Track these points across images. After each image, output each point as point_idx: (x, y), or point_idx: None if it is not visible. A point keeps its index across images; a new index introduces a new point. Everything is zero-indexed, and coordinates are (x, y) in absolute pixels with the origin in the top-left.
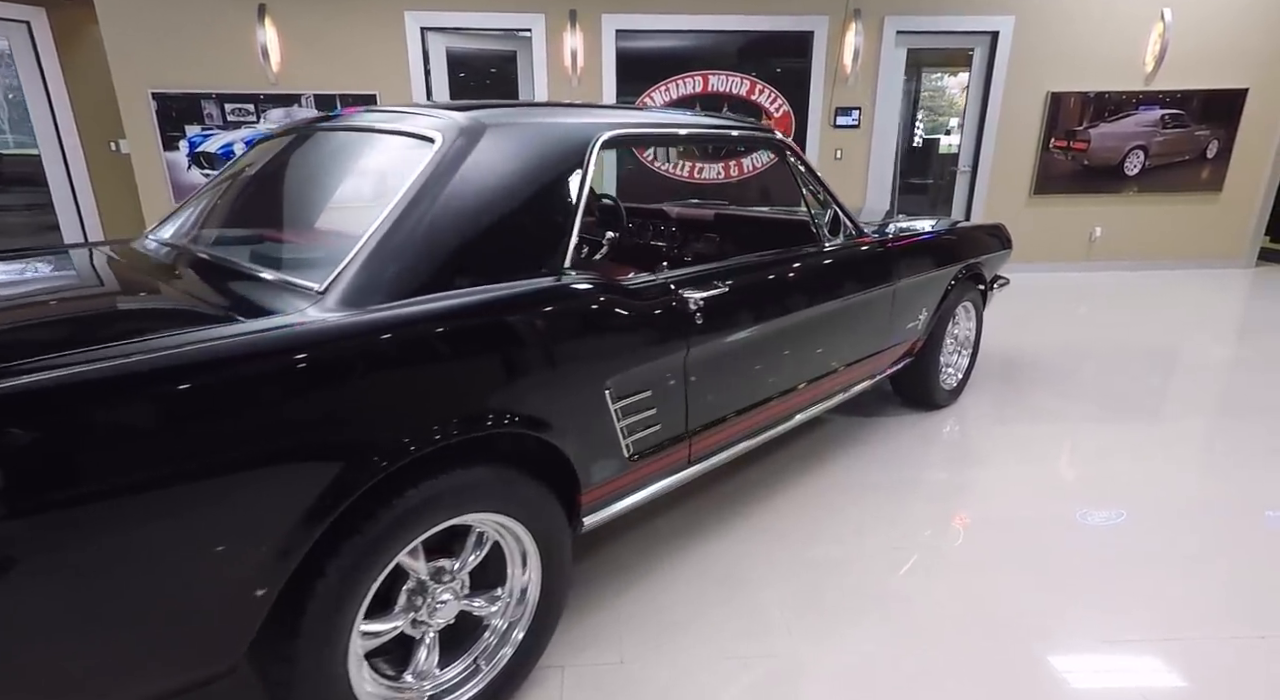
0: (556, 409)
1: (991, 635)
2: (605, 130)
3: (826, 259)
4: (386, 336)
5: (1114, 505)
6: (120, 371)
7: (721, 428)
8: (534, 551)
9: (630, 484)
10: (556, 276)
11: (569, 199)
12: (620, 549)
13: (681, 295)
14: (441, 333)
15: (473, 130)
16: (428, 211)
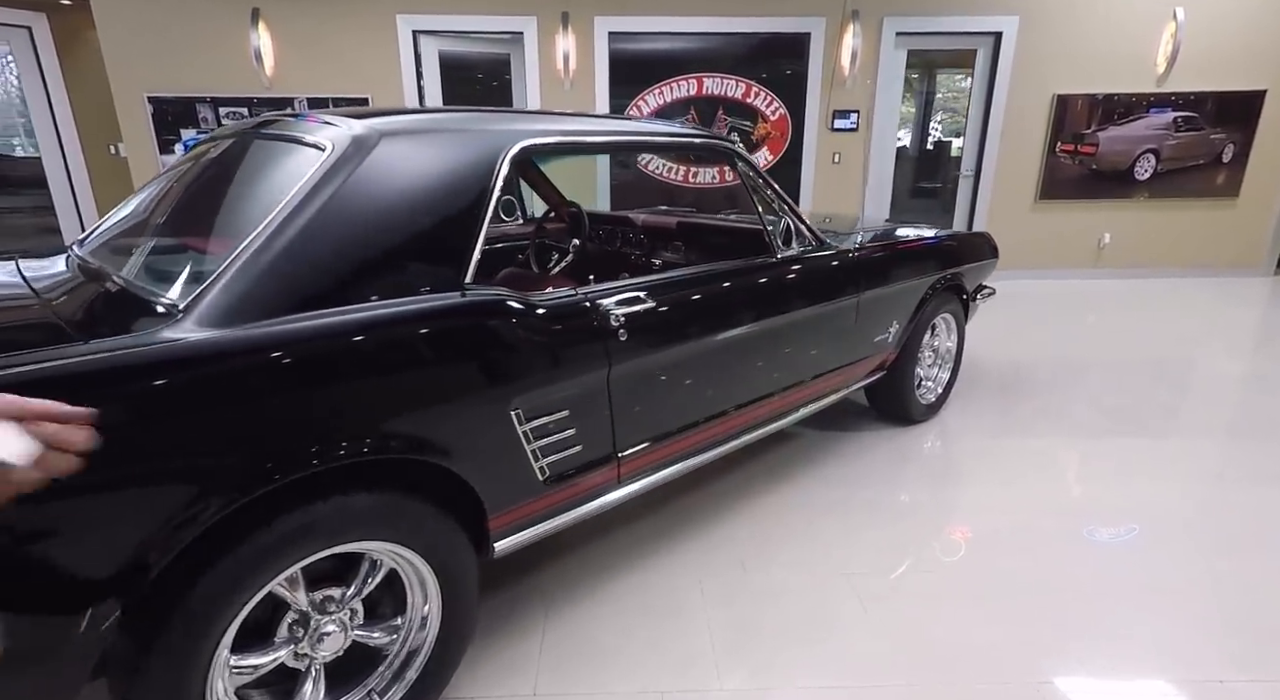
0: (452, 433)
1: (942, 674)
2: (520, 140)
3: (772, 271)
4: (234, 360)
5: (1093, 530)
6: None
7: (655, 448)
8: (432, 580)
9: (547, 508)
10: (461, 293)
11: (472, 212)
12: (548, 574)
13: (602, 312)
14: (301, 356)
15: (365, 139)
16: (306, 225)
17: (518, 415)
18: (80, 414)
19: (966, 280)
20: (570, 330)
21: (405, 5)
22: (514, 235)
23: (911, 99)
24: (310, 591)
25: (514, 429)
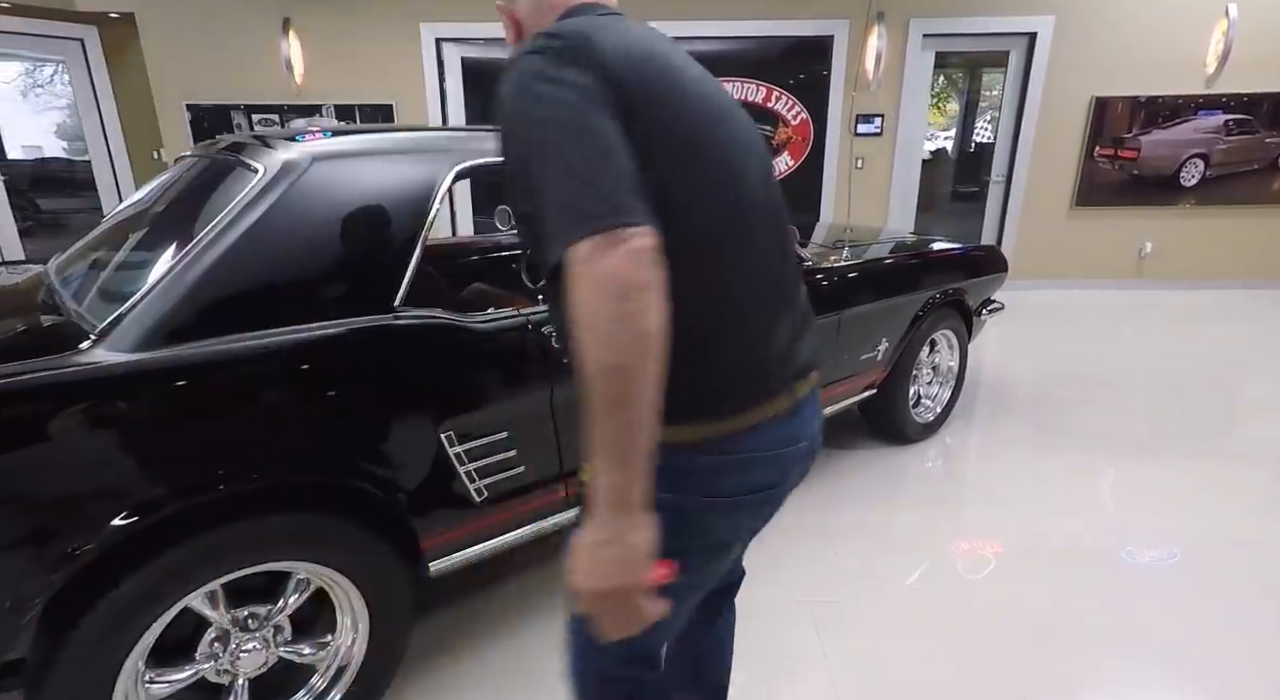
0: (375, 456)
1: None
2: (458, 163)
3: None
4: (128, 385)
5: (1074, 566)
6: None
7: None
8: (358, 600)
9: (487, 528)
10: (392, 315)
11: (406, 235)
12: (500, 591)
13: (546, 333)
14: (208, 381)
15: (295, 163)
16: (229, 250)
17: (449, 437)
18: None
19: (969, 295)
20: (509, 352)
21: (429, 14)
22: (506, 245)
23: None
24: (234, 608)
25: (445, 451)
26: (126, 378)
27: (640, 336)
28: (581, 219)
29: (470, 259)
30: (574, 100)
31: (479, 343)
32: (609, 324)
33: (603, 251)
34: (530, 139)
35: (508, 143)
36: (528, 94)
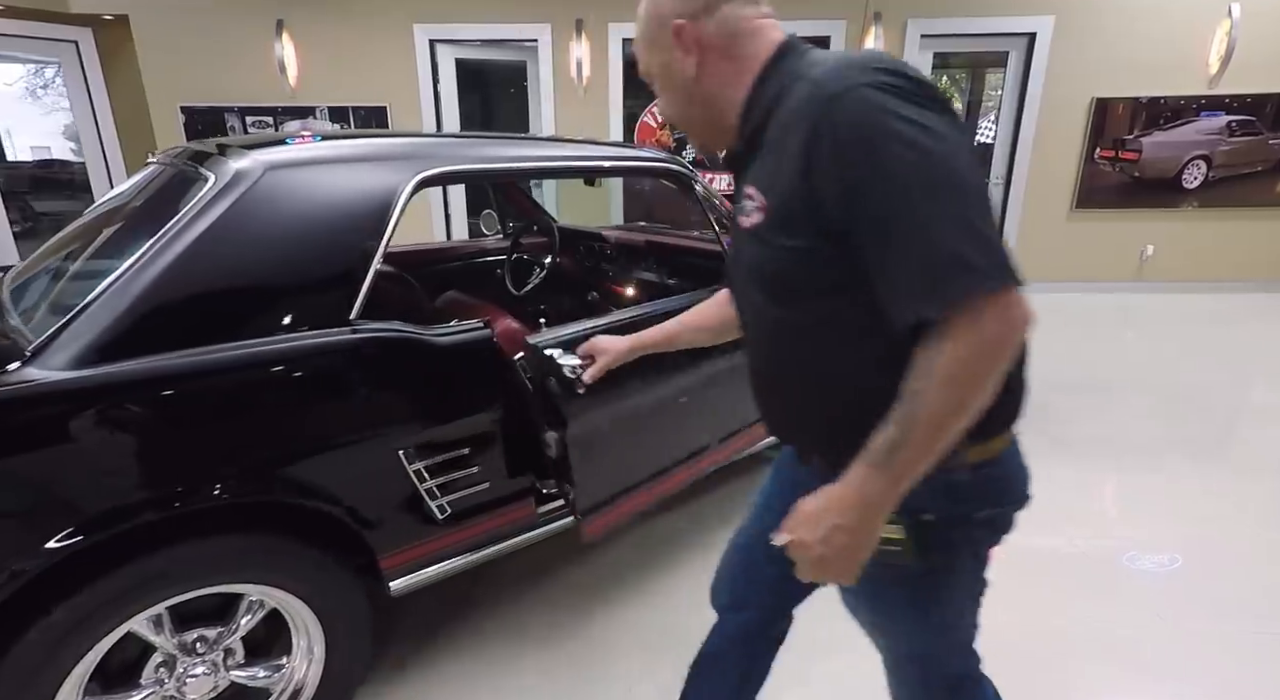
0: (327, 475)
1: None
2: (419, 171)
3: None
4: (67, 403)
5: (1075, 572)
6: None
7: None
8: (313, 622)
9: (450, 546)
10: (349, 329)
11: (363, 246)
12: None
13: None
14: (147, 400)
15: (247, 173)
16: (173, 263)
17: (406, 454)
18: None
19: None
20: (471, 365)
21: (422, 15)
22: (492, 250)
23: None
24: (181, 631)
25: (402, 468)
26: (55, 397)
27: (994, 391)
28: (981, 277)
29: (452, 265)
30: (950, 149)
31: (439, 357)
32: (983, 380)
33: (998, 312)
34: (902, 183)
35: (845, 177)
36: (890, 135)
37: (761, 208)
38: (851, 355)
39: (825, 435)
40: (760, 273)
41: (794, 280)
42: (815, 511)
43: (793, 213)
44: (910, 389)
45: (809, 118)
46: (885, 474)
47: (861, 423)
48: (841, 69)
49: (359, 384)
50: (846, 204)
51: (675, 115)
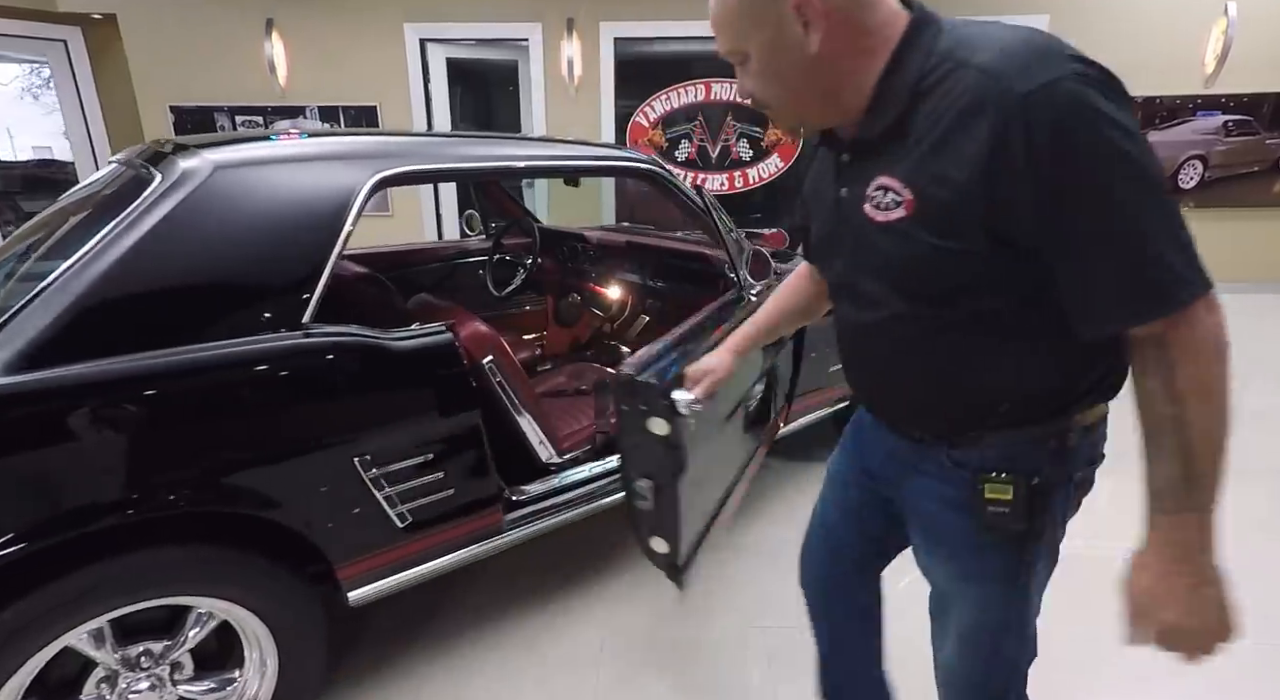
0: (278, 483)
1: None
2: (380, 170)
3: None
4: None
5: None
6: None
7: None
8: (265, 634)
9: (411, 554)
10: (302, 332)
11: (317, 247)
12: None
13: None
14: (80, 407)
15: (195, 171)
16: (114, 264)
17: (363, 461)
18: None
19: None
20: (432, 370)
21: (412, 14)
22: (474, 251)
23: None
24: (125, 645)
25: (358, 475)
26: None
27: (1230, 394)
28: (1189, 283)
29: (433, 267)
30: (1147, 149)
31: (396, 361)
32: (1222, 384)
33: (1211, 314)
34: (1113, 193)
35: (1046, 185)
36: (1099, 140)
37: (906, 203)
38: (984, 355)
39: (942, 426)
40: (893, 268)
41: (935, 279)
42: (1156, 589)
43: (955, 213)
44: (1160, 417)
45: (994, 116)
46: (1195, 514)
47: (982, 418)
48: (1024, 57)
49: (311, 389)
50: (1043, 211)
51: (772, 96)
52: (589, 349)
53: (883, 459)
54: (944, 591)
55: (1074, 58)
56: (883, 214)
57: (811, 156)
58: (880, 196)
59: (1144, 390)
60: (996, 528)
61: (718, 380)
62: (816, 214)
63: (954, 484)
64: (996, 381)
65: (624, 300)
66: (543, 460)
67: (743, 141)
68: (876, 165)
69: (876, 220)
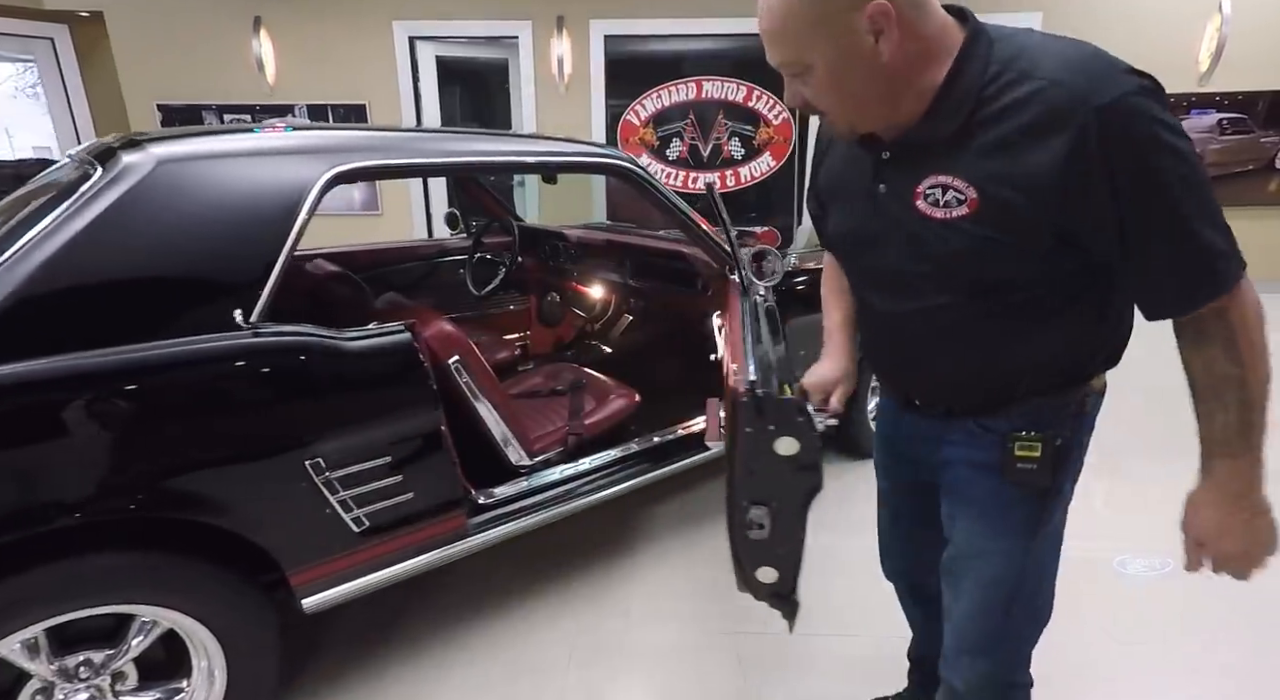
0: (225, 487)
1: None
2: (336, 165)
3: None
4: None
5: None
6: None
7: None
8: (211, 642)
9: (370, 560)
10: (251, 332)
11: (268, 245)
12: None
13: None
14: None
15: (136, 165)
16: (48, 260)
17: (315, 465)
18: None
19: None
20: (389, 370)
21: (401, 12)
22: (454, 250)
23: None
24: (63, 656)
25: (310, 479)
26: None
27: None
28: (1236, 262)
29: (412, 266)
30: (1194, 149)
31: (351, 362)
32: (1267, 342)
33: (1250, 286)
34: (1175, 194)
35: (1116, 188)
36: (1162, 147)
37: (970, 201)
38: (1019, 337)
39: (975, 401)
40: (948, 262)
41: (988, 272)
42: (1218, 524)
43: (1024, 213)
44: (1225, 377)
45: (1072, 126)
46: (1250, 455)
47: (1012, 391)
48: (1092, 72)
49: (258, 390)
50: (1110, 212)
51: (832, 103)
52: (571, 349)
53: (911, 439)
54: (967, 552)
55: (1131, 71)
56: (942, 211)
57: (824, 152)
58: (938, 194)
59: (1204, 356)
60: (1024, 483)
61: (848, 391)
62: (842, 207)
63: (983, 447)
64: (1028, 359)
65: (606, 300)
66: (513, 462)
67: (734, 140)
68: (927, 164)
69: (935, 217)
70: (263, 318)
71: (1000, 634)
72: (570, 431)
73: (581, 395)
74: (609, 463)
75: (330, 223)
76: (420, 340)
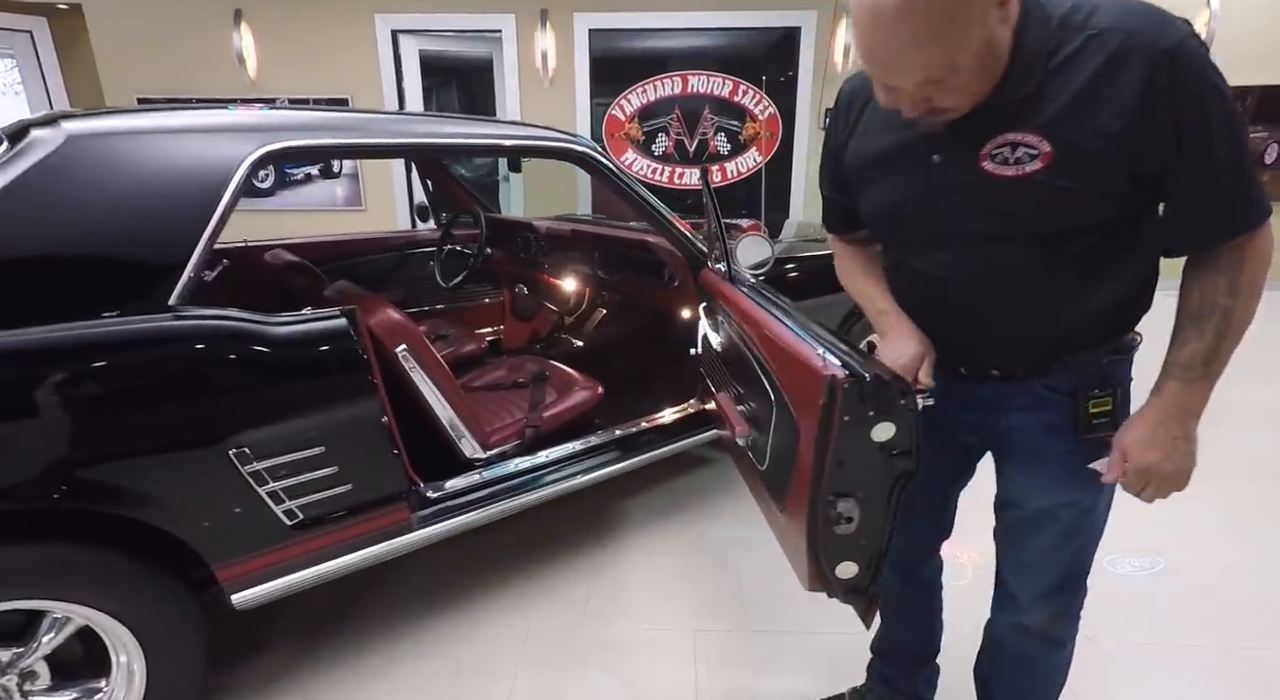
0: (139, 478)
1: None
2: (266, 143)
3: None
4: None
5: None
6: None
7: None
8: (130, 639)
9: (305, 554)
10: (172, 315)
11: (188, 224)
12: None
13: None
14: None
15: (43, 140)
16: None
17: (241, 454)
18: None
19: None
20: (323, 356)
21: (383, 4)
22: (423, 241)
23: None
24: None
25: (236, 470)
26: None
27: None
28: (1264, 204)
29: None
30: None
31: (280, 348)
32: (1262, 287)
33: (1269, 232)
34: (1226, 134)
35: (1180, 127)
36: (1215, 89)
37: (1044, 155)
38: (1078, 288)
39: (1037, 357)
40: (1020, 217)
41: (1061, 222)
42: (1148, 436)
43: (1103, 158)
44: (1215, 305)
45: (1143, 67)
46: (1204, 383)
47: (1071, 343)
48: (1153, 19)
49: (177, 376)
50: (1172, 150)
51: (963, 97)
52: (544, 343)
53: (966, 408)
54: (1042, 508)
55: (1182, 20)
56: (1013, 168)
57: (847, 134)
58: (1006, 153)
59: (1207, 285)
60: (1093, 440)
61: (933, 361)
62: (885, 183)
63: (1052, 410)
64: (1088, 308)
65: (579, 292)
66: (466, 455)
67: (720, 135)
68: (992, 126)
69: (1005, 174)
70: (185, 301)
71: (1078, 574)
72: (528, 424)
73: (543, 387)
74: (569, 456)
75: (312, 219)
76: (363, 328)
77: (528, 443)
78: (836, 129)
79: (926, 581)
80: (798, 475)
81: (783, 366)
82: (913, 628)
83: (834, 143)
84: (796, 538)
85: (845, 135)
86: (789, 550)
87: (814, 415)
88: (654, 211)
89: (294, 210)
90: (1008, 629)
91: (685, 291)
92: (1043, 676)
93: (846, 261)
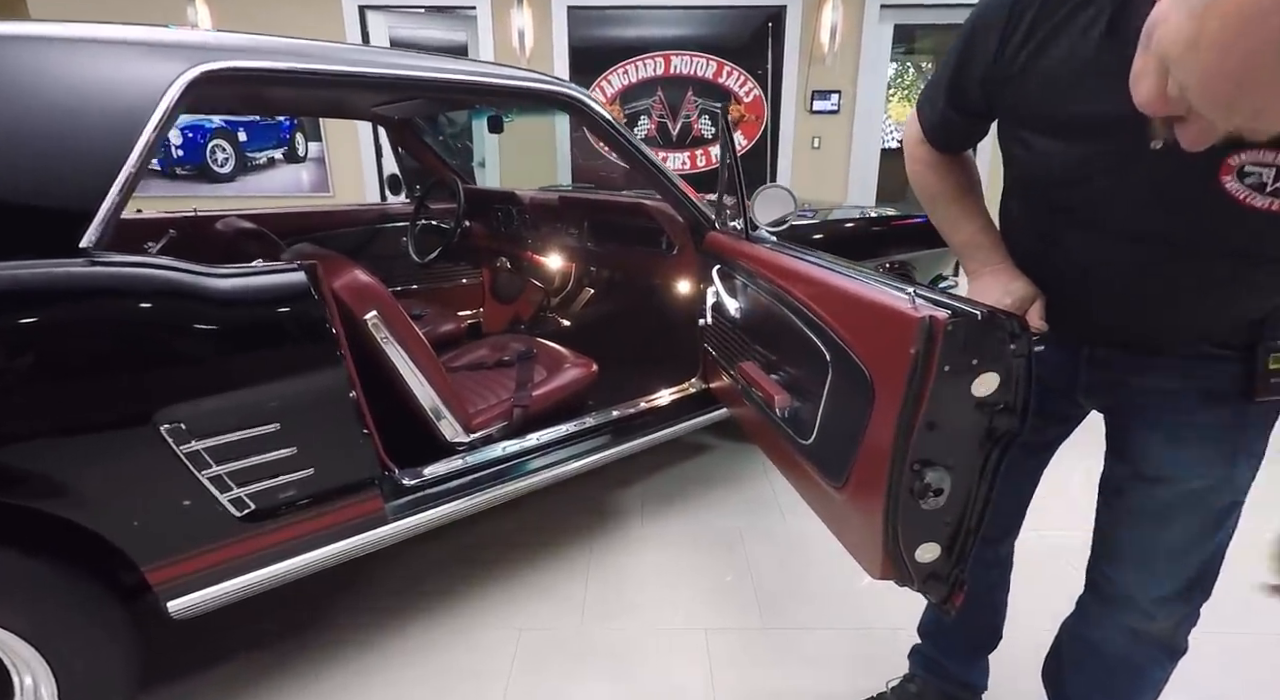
0: (39, 457)
1: None
2: (201, 62)
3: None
4: None
5: (1041, 566)
6: None
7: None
8: (34, 657)
9: (258, 551)
10: (86, 260)
11: (101, 152)
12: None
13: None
14: None
15: None
16: None
17: (175, 431)
18: None
19: (917, 269)
20: (278, 318)
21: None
22: (396, 215)
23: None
24: None
25: (170, 451)
26: None
27: None
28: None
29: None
30: None
31: (224, 304)
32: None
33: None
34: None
35: None
36: None
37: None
38: (1267, 291)
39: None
40: (1254, 249)
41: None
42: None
43: None
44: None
45: None
46: None
47: (1236, 330)
48: None
49: (94, 334)
50: None
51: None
52: (529, 324)
53: (1097, 367)
54: (1189, 489)
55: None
56: (1266, 199)
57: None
58: (1264, 175)
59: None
60: (1268, 403)
61: (1045, 303)
62: (1066, 141)
63: (1218, 368)
64: (1263, 305)
65: (566, 269)
66: (448, 439)
67: (705, 118)
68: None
69: (1254, 205)
70: (101, 247)
71: (1215, 571)
72: (515, 404)
73: (531, 365)
74: (561, 439)
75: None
76: (326, 289)
77: (516, 425)
78: (990, 39)
79: (1001, 560)
80: (867, 444)
81: (850, 319)
82: (976, 611)
83: (983, 56)
84: (862, 518)
85: (1018, 52)
86: (848, 535)
87: (898, 369)
88: (653, 167)
89: (255, 196)
90: (1114, 631)
91: (686, 260)
92: (1147, 688)
93: (933, 175)
